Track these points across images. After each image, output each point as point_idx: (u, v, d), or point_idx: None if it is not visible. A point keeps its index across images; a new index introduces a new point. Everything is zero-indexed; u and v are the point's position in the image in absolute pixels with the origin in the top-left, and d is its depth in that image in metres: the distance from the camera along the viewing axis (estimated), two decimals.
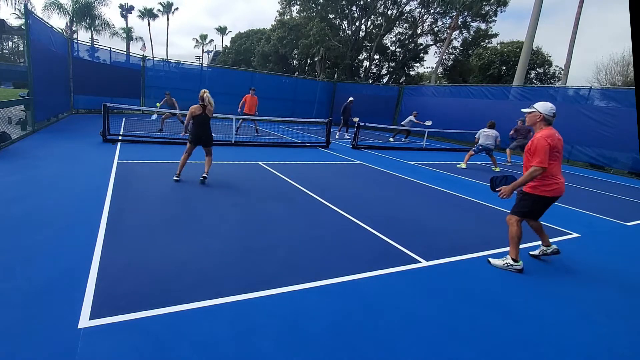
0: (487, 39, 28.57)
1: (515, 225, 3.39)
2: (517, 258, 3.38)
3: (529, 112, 3.35)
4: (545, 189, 3.27)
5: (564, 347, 2.35)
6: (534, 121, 3.31)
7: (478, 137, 9.65)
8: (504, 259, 3.46)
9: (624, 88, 13.44)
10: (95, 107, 14.47)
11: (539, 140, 3.16)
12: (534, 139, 3.23)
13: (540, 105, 3.27)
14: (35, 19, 8.95)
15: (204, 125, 5.51)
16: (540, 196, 3.30)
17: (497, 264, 3.44)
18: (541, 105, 3.27)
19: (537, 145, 3.15)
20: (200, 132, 5.52)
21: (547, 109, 3.25)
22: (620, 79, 27.64)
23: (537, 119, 3.28)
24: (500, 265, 3.42)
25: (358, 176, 7.31)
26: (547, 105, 3.27)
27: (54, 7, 25.87)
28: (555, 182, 3.27)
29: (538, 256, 3.77)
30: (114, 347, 1.94)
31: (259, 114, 12.64)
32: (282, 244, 3.55)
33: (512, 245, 3.39)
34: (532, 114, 3.31)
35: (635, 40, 0.62)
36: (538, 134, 3.23)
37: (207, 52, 60.00)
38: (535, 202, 3.34)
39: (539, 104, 3.31)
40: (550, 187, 3.27)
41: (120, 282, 2.56)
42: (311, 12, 30.00)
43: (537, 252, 3.78)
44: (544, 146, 3.11)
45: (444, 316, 2.56)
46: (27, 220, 3.49)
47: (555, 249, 3.67)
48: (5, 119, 7.81)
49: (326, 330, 2.27)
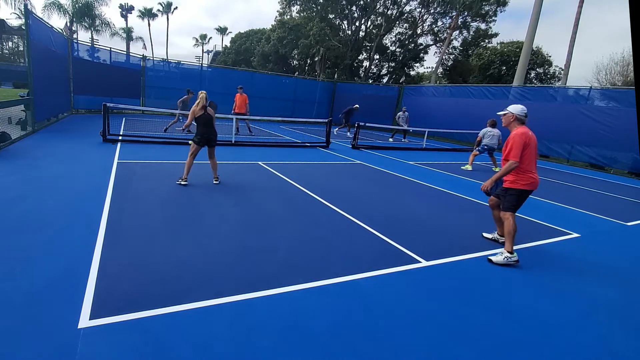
0: (487, 39, 28.56)
1: (511, 219, 3.61)
2: (512, 250, 3.56)
3: (503, 114, 3.73)
4: (523, 182, 3.56)
5: (564, 347, 2.35)
6: (508, 121, 3.69)
7: (481, 136, 9.53)
8: (501, 253, 3.59)
9: (624, 88, 13.44)
10: (95, 107, 14.46)
11: (514, 137, 3.51)
12: (510, 136, 3.57)
13: (513, 107, 3.66)
14: (35, 19, 8.95)
15: (209, 125, 5.43)
16: (520, 190, 3.59)
17: (498, 260, 3.55)
18: (513, 107, 3.66)
19: (512, 142, 3.50)
20: (206, 132, 5.40)
21: (518, 110, 3.63)
22: (620, 79, 27.63)
23: (511, 120, 3.66)
24: (501, 260, 3.54)
25: (358, 176, 7.31)
26: (518, 107, 3.65)
27: (54, 7, 25.86)
28: (531, 176, 3.56)
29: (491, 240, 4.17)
30: (114, 347, 1.94)
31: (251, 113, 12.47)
32: (282, 244, 3.55)
33: (509, 239, 3.58)
34: (506, 115, 3.70)
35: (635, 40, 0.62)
36: (514, 132, 3.57)
37: (207, 52, 60.07)
38: (518, 196, 3.62)
39: (511, 106, 3.69)
40: (527, 180, 3.55)
41: (120, 282, 2.56)
42: (311, 12, 29.99)
43: (490, 236, 4.21)
44: (519, 142, 3.46)
45: (444, 316, 2.56)
46: (27, 220, 3.49)
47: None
48: (5, 119, 7.80)
49: (326, 330, 2.27)
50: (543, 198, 6.70)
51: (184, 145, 8.90)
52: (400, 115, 15.06)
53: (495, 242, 4.13)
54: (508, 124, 3.71)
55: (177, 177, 5.48)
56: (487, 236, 4.27)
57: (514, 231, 3.58)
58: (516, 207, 3.66)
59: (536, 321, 2.62)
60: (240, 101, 11.93)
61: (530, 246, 4.12)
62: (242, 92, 11.98)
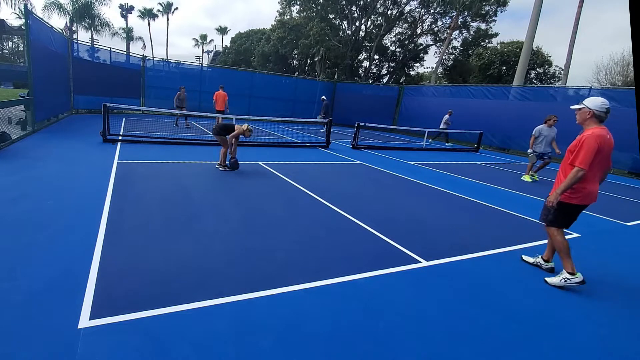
0: (487, 39, 28.56)
1: (559, 235, 3.10)
2: (574, 270, 3.05)
3: (578, 109, 3.03)
4: (578, 196, 2.95)
5: (564, 347, 2.35)
6: (584, 118, 2.99)
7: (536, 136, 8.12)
8: (560, 274, 3.13)
9: (624, 88, 13.45)
10: (95, 107, 14.47)
11: (588, 139, 2.83)
12: (582, 136, 2.90)
13: (591, 101, 2.96)
14: (35, 19, 8.95)
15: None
16: (564, 203, 2.99)
17: (554, 282, 3.12)
18: (591, 101, 2.96)
19: (584, 144, 2.83)
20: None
21: (597, 104, 2.91)
22: (620, 79, 27.64)
23: (587, 116, 2.96)
24: (557, 282, 3.10)
25: (358, 176, 7.31)
26: (598, 101, 2.93)
27: (53, 7, 25.84)
28: (590, 188, 2.94)
29: (531, 264, 3.55)
30: (114, 347, 1.94)
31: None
32: (282, 244, 3.54)
33: (565, 257, 3.07)
34: (582, 110, 2.99)
35: (635, 40, 0.62)
36: (588, 132, 2.89)
37: (207, 52, 60.05)
38: (568, 211, 3.03)
39: (588, 99, 2.99)
40: (583, 194, 2.94)
41: (120, 282, 2.56)
42: (311, 12, 30.00)
43: (531, 260, 3.58)
44: (592, 146, 2.79)
45: (444, 316, 2.56)
46: (27, 220, 3.49)
47: (551, 267, 3.39)
48: (5, 119, 7.79)
49: (326, 330, 2.27)
50: (543, 198, 6.70)
51: (184, 145, 8.90)
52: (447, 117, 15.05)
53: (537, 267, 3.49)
54: (583, 122, 3.01)
55: (177, 177, 5.52)
56: (527, 260, 3.57)
57: (566, 248, 3.02)
58: (564, 224, 3.09)
59: (536, 321, 2.62)
60: (218, 98, 12.61)
61: (530, 246, 4.12)
62: (222, 90, 12.71)
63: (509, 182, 8.05)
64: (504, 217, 5.30)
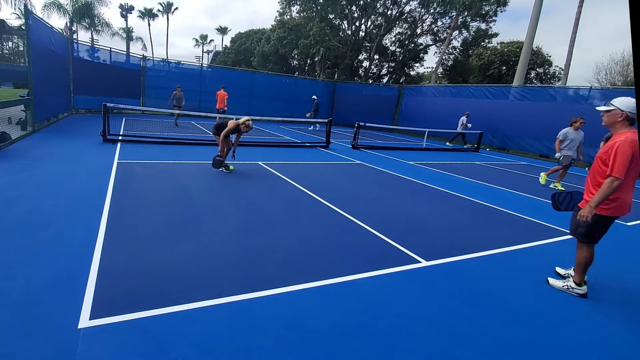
0: (487, 38, 28.58)
1: (586, 251, 2.90)
2: (582, 283, 2.97)
3: (606, 111, 2.74)
4: (611, 207, 2.72)
5: (564, 347, 2.35)
6: (613, 121, 2.70)
7: (562, 140, 7.29)
8: (565, 280, 3.08)
9: (624, 88, 13.46)
10: (95, 107, 14.47)
11: (621, 146, 2.56)
12: (614, 142, 2.63)
13: (621, 102, 2.67)
14: (35, 19, 8.96)
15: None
16: (604, 216, 2.77)
17: (555, 284, 3.09)
18: (622, 102, 2.66)
19: (617, 151, 2.56)
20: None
21: (630, 105, 2.61)
22: (620, 79, 27.66)
23: (618, 119, 2.67)
24: (558, 286, 3.08)
25: (358, 176, 7.31)
26: (630, 102, 2.63)
27: (53, 7, 25.85)
28: (624, 198, 2.71)
29: (564, 277, 3.29)
30: (114, 347, 1.94)
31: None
32: (282, 244, 3.54)
33: (579, 269, 2.95)
34: (612, 112, 2.69)
35: (635, 40, 0.62)
36: (621, 137, 2.62)
37: (207, 52, 60.05)
38: (600, 223, 2.80)
39: (618, 100, 2.70)
40: (617, 204, 2.71)
41: (120, 282, 2.56)
42: (311, 12, 30.01)
43: (563, 272, 3.35)
44: (627, 153, 2.53)
45: (444, 316, 2.56)
46: (27, 220, 3.49)
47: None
48: (5, 119, 7.79)
49: (326, 330, 2.27)
50: (543, 198, 6.70)
51: (184, 145, 8.91)
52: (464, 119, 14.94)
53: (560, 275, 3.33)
54: (612, 125, 2.72)
55: (177, 177, 5.52)
56: (560, 272, 3.35)
57: (585, 263, 2.88)
58: (594, 238, 2.86)
59: (536, 321, 2.62)
60: (220, 98, 13.50)
61: (530, 246, 4.12)
62: (223, 90, 13.60)
63: (509, 182, 8.05)
64: (504, 217, 5.30)
